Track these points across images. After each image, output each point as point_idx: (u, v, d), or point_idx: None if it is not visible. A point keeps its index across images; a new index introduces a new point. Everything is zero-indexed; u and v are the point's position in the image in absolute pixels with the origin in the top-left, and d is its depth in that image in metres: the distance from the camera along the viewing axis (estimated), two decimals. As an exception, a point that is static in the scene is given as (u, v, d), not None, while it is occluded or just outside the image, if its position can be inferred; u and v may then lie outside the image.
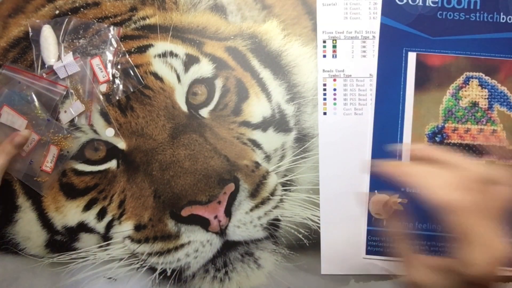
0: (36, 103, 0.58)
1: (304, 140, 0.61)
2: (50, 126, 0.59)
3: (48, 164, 0.59)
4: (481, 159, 0.59)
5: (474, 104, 0.59)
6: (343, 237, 0.60)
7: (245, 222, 0.59)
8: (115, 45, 0.60)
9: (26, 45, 0.60)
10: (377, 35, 0.60)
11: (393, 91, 0.60)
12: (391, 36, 0.60)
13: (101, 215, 0.59)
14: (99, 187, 0.59)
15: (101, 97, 0.59)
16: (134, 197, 0.59)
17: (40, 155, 0.59)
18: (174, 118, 0.59)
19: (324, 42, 0.61)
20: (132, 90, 0.60)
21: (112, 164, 0.60)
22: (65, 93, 0.59)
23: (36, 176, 0.59)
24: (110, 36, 0.60)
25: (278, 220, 0.59)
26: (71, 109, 0.59)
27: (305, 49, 0.61)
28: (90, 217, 0.59)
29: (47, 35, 0.58)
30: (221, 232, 0.58)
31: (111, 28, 0.60)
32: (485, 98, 0.59)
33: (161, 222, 0.58)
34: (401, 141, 0.59)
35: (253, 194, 0.58)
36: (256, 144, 0.60)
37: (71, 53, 0.59)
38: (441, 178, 0.41)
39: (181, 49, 0.60)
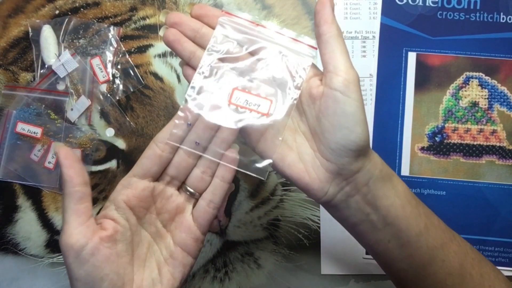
0: (50, 112, 0.58)
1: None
2: (67, 131, 0.59)
3: None
4: (481, 159, 0.59)
5: (474, 104, 0.59)
6: (343, 237, 0.59)
7: (245, 222, 0.59)
8: (115, 45, 0.60)
9: (26, 45, 0.60)
10: (377, 35, 0.60)
11: (393, 91, 0.60)
12: (391, 36, 0.60)
13: (101, 215, 0.59)
14: (99, 187, 0.59)
15: (101, 97, 0.59)
16: (134, 197, 0.59)
17: None
18: (174, 118, 0.59)
19: (324, 42, 0.60)
20: (132, 90, 0.60)
21: (112, 164, 0.60)
22: (68, 98, 0.59)
23: None
24: (110, 36, 0.60)
25: (278, 220, 0.59)
26: (77, 106, 0.59)
27: (305, 49, 0.61)
28: (90, 217, 0.59)
29: (47, 35, 0.58)
30: (221, 232, 0.58)
31: (111, 28, 0.60)
32: (485, 98, 0.59)
33: (161, 222, 0.58)
34: (401, 141, 0.59)
35: (253, 194, 0.58)
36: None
37: (67, 50, 0.59)
38: None
39: (181, 49, 0.60)
